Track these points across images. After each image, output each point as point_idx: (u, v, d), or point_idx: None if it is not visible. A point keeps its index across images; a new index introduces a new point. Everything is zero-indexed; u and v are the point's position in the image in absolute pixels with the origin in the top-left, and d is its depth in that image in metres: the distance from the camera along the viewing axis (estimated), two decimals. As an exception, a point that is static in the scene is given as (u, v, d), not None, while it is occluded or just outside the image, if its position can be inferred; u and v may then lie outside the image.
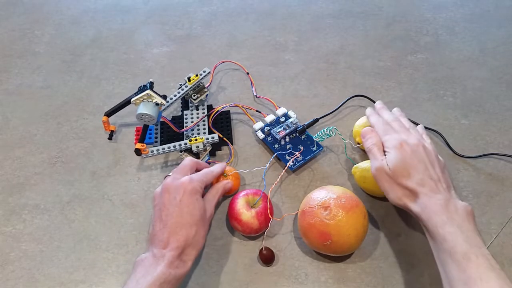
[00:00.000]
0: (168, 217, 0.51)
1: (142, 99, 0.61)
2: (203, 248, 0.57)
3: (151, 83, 0.61)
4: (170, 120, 0.65)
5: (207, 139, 0.62)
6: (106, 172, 0.65)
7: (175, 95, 0.67)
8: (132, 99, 0.61)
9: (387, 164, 0.52)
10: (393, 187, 0.51)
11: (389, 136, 0.55)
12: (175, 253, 0.48)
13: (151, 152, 0.62)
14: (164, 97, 0.63)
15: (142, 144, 0.62)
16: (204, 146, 0.62)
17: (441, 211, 0.47)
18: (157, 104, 0.61)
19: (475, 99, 0.72)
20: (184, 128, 0.66)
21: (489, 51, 0.79)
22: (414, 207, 0.50)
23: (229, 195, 0.61)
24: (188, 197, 0.52)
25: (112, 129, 0.68)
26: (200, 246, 0.51)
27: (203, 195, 0.55)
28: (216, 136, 0.62)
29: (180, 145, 0.62)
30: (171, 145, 0.63)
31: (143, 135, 0.63)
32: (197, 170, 0.59)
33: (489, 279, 0.42)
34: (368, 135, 0.57)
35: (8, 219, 0.61)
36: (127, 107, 0.72)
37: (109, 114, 0.66)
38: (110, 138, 0.68)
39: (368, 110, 0.63)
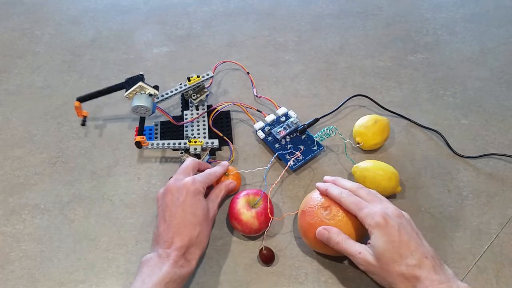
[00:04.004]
0: (171, 217, 0.51)
1: (135, 92, 0.62)
2: (207, 247, 0.57)
3: (142, 75, 0.62)
4: (167, 114, 0.67)
5: (207, 143, 0.62)
6: (106, 172, 0.65)
7: (171, 91, 0.67)
8: (125, 94, 0.62)
9: (371, 254, 0.47)
10: (386, 275, 0.46)
11: (367, 210, 0.49)
12: (180, 253, 0.49)
13: (151, 145, 0.63)
14: (156, 87, 0.64)
15: (141, 136, 0.63)
16: (201, 150, 0.62)
17: None
18: (150, 95, 0.62)
19: (475, 99, 0.72)
20: (183, 121, 0.67)
21: (489, 51, 0.79)
22: None
23: (230, 194, 0.61)
24: (191, 198, 0.52)
25: (85, 114, 0.67)
26: (204, 245, 0.52)
27: (206, 195, 0.56)
28: (216, 142, 0.63)
29: (179, 143, 0.62)
30: (171, 141, 0.63)
31: (141, 127, 0.64)
32: (199, 171, 0.59)
33: None
34: (325, 233, 0.51)
35: (8, 219, 0.61)
36: (125, 105, 0.72)
37: (81, 99, 0.65)
38: (83, 124, 0.68)
39: (321, 184, 0.55)
